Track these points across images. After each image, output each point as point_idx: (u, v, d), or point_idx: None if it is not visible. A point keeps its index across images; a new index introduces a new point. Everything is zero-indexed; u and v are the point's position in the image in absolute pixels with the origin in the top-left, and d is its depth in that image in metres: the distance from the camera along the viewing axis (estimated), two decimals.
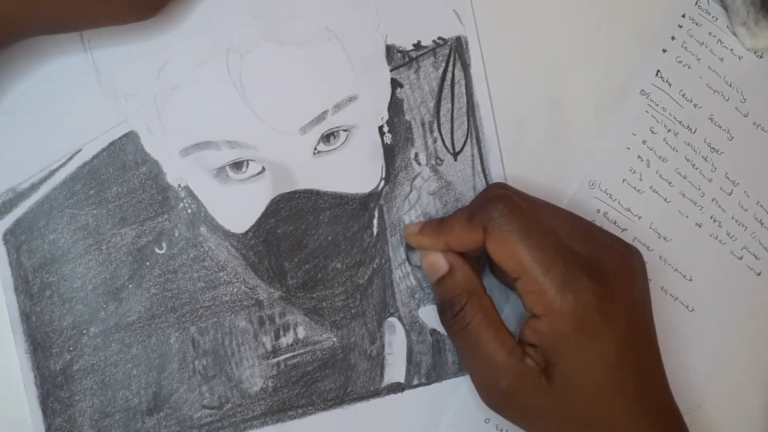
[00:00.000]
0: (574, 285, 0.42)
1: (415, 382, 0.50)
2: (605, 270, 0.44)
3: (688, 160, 0.54)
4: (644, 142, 0.53)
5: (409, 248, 0.49)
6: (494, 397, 0.45)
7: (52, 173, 0.46)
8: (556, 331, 0.43)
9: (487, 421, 0.50)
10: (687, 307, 0.53)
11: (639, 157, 0.53)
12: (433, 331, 0.50)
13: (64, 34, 0.45)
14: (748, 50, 0.54)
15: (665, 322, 0.52)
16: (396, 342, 0.50)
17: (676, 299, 0.53)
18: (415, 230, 0.48)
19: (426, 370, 0.50)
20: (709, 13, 0.54)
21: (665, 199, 0.53)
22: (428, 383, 0.50)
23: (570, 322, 0.42)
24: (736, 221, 0.54)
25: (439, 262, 0.46)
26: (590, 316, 0.42)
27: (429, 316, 0.50)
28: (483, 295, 0.45)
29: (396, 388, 0.49)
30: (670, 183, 0.53)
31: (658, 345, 0.46)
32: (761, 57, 0.55)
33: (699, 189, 0.54)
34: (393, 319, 0.50)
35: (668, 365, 0.46)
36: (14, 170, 0.46)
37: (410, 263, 0.50)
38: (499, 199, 0.44)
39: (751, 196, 0.54)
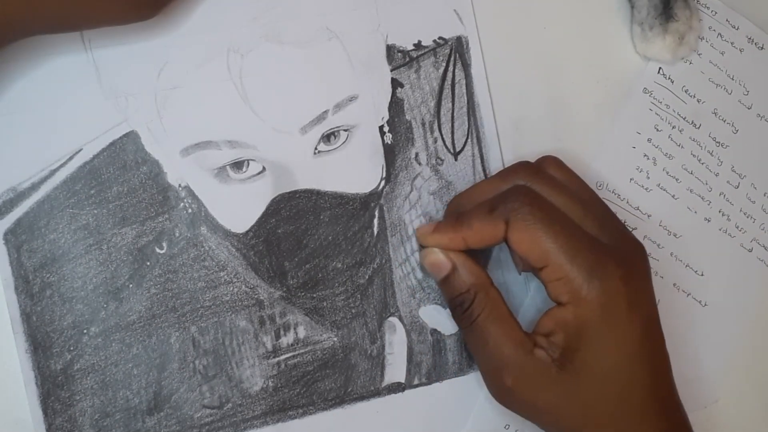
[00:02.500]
0: (602, 272, 0.42)
1: (416, 381, 0.50)
2: (629, 260, 0.44)
3: (693, 156, 0.54)
4: (649, 140, 0.53)
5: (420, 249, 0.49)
6: (501, 391, 0.45)
7: (52, 173, 0.46)
8: (582, 318, 0.43)
9: (507, 427, 0.50)
10: (700, 302, 0.53)
11: (645, 155, 0.53)
12: (434, 331, 0.50)
13: (64, 33, 0.45)
14: (638, 54, 0.53)
15: (679, 318, 0.53)
16: (396, 342, 0.50)
17: (688, 295, 0.53)
18: (430, 229, 0.47)
19: (426, 370, 0.50)
20: (708, 8, 0.54)
21: (673, 196, 0.53)
22: (429, 383, 0.50)
23: (596, 309, 0.42)
24: (745, 214, 0.54)
25: (442, 261, 0.46)
26: (616, 303, 0.43)
27: (429, 315, 0.50)
28: (490, 288, 0.46)
29: (396, 387, 0.49)
30: (677, 179, 0.53)
31: (665, 340, 0.46)
32: (761, 48, 0.54)
33: (706, 184, 0.54)
34: (393, 319, 0.50)
35: (684, 361, 0.46)
36: (15, 170, 0.46)
37: (421, 270, 0.50)
38: (520, 192, 0.44)
39: (759, 188, 0.54)
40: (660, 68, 0.54)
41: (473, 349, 0.47)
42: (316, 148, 0.49)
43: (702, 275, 0.53)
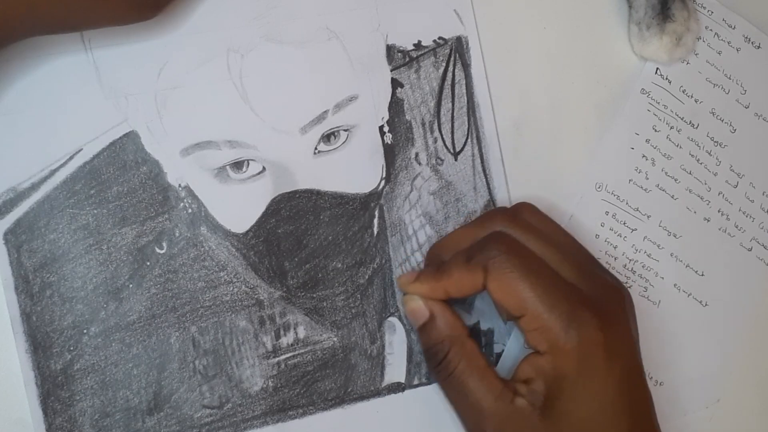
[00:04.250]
0: (579, 322, 0.42)
1: (416, 381, 0.50)
2: (607, 308, 0.44)
3: (692, 156, 0.54)
4: (648, 141, 0.53)
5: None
6: None
7: (52, 173, 0.46)
8: (560, 369, 0.43)
9: None
10: (700, 302, 0.53)
11: (644, 156, 0.53)
12: None
13: (65, 34, 0.45)
14: (635, 54, 0.53)
15: (680, 318, 0.53)
16: (396, 342, 0.50)
17: (689, 295, 0.53)
18: (411, 278, 0.47)
19: (426, 370, 0.50)
20: (705, 7, 0.54)
21: (672, 197, 0.53)
22: (429, 383, 0.50)
23: (574, 359, 0.42)
24: (744, 213, 0.54)
25: (420, 309, 0.46)
26: (594, 353, 0.43)
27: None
28: (466, 340, 0.46)
29: (396, 387, 0.49)
30: (676, 180, 0.53)
31: (647, 384, 0.46)
32: (758, 48, 0.54)
33: (705, 184, 0.54)
34: (393, 319, 0.50)
35: (685, 361, 0.46)
36: (15, 170, 0.46)
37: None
38: (497, 239, 0.45)
39: (757, 187, 0.54)
40: (657, 69, 0.54)
41: (452, 401, 0.46)
42: (316, 148, 0.49)
43: (702, 275, 0.53)
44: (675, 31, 0.52)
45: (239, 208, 0.48)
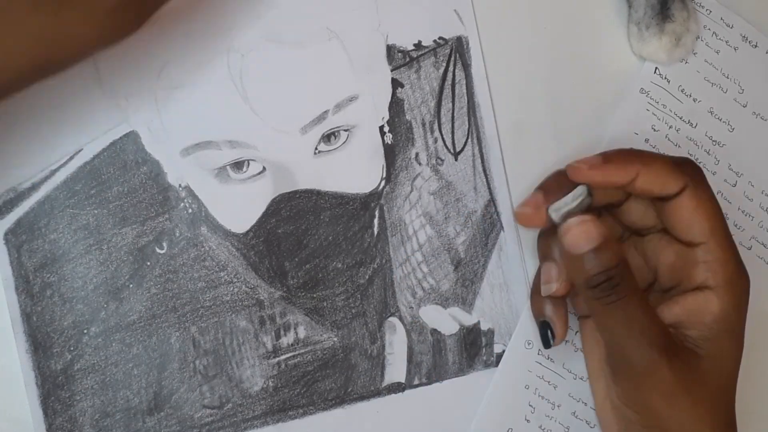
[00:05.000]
0: (744, 271, 0.43)
1: (416, 381, 0.50)
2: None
3: (691, 155, 0.53)
4: (647, 140, 0.53)
5: (567, 215, 0.45)
6: (648, 361, 0.42)
7: (52, 173, 0.46)
8: (727, 306, 0.42)
9: (510, 431, 0.50)
10: None
11: None
12: (434, 331, 0.50)
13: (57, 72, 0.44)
14: (635, 54, 0.53)
15: None
16: (396, 342, 0.50)
17: None
18: (597, 162, 0.44)
19: (426, 370, 0.50)
20: (703, 6, 0.54)
21: None
22: (429, 383, 0.50)
23: (737, 304, 0.42)
24: (743, 212, 0.54)
25: (597, 229, 0.43)
26: (744, 306, 0.43)
27: (430, 315, 0.50)
28: (630, 269, 0.43)
29: (396, 387, 0.49)
30: None
31: None
32: (755, 47, 0.54)
33: None
34: (393, 319, 0.50)
35: None
36: (15, 170, 0.46)
37: (555, 219, 0.45)
38: (697, 167, 0.45)
39: (756, 186, 0.54)
40: (656, 68, 0.54)
41: (616, 328, 0.43)
42: (316, 148, 0.49)
43: None
44: (674, 31, 0.52)
45: (239, 208, 0.48)
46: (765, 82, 0.55)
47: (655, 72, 0.54)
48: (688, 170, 0.44)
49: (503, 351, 0.50)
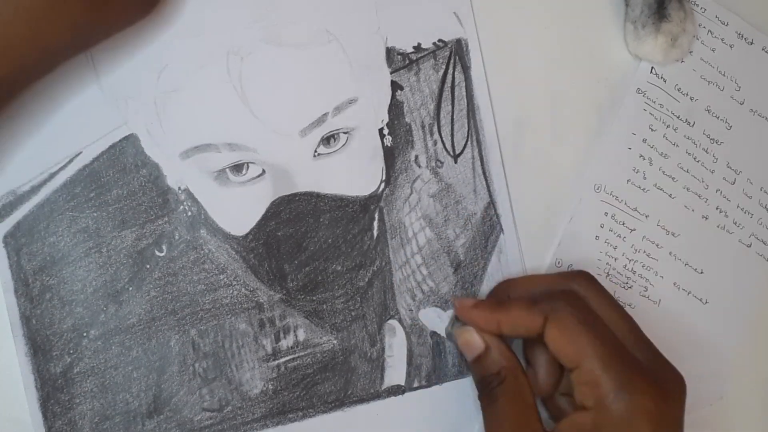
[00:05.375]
0: (633, 388, 0.42)
1: (416, 384, 0.50)
2: (665, 385, 0.43)
3: (689, 154, 0.54)
4: (644, 140, 0.53)
5: (455, 325, 0.48)
6: None
7: (52, 176, 0.46)
8: (600, 428, 0.42)
9: None
10: (701, 300, 0.54)
11: (641, 156, 0.53)
12: (433, 334, 0.50)
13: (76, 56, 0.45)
14: (630, 53, 0.53)
15: (680, 317, 0.53)
16: (396, 344, 0.50)
17: (689, 293, 0.54)
18: (469, 304, 0.47)
19: (426, 373, 0.50)
20: (698, 5, 0.54)
21: (670, 195, 0.53)
22: (428, 386, 0.50)
23: (618, 422, 0.42)
24: (742, 209, 0.54)
25: (476, 341, 0.46)
26: (640, 421, 0.42)
27: (429, 318, 0.50)
28: (520, 375, 0.45)
29: (396, 390, 0.49)
30: (673, 178, 0.54)
31: None
32: (751, 44, 0.54)
33: (702, 181, 0.54)
34: (393, 322, 0.50)
35: (687, 360, 0.46)
36: (14, 173, 0.46)
37: (448, 337, 0.49)
38: (568, 295, 0.45)
39: (755, 183, 0.55)
40: (652, 68, 0.54)
41: (488, 422, 0.46)
42: (315, 151, 0.49)
43: (702, 273, 0.54)
44: (670, 31, 0.52)
45: (239, 210, 0.48)
46: (761, 79, 0.55)
47: (651, 72, 0.54)
48: (545, 306, 0.44)
49: None
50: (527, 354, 0.48)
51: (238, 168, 0.48)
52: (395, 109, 0.50)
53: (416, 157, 0.50)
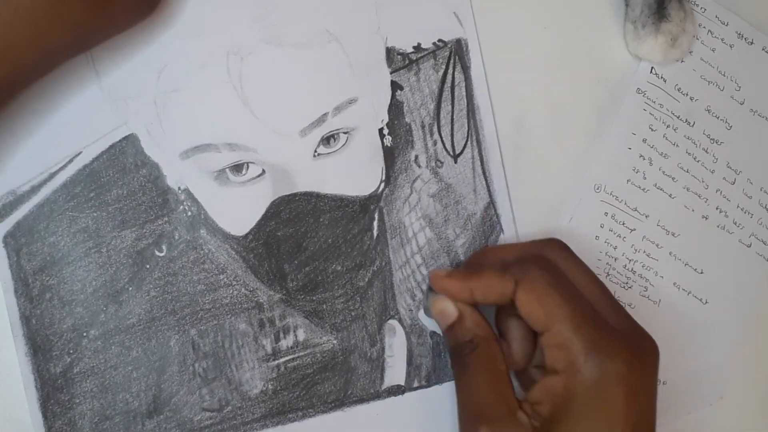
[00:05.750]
0: (606, 350, 0.41)
1: (416, 384, 0.50)
2: (638, 350, 0.43)
3: (689, 154, 0.54)
4: (644, 140, 0.53)
5: (429, 295, 0.48)
6: None
7: (52, 176, 0.46)
8: (571, 390, 0.42)
9: None
10: (701, 300, 0.53)
11: (641, 156, 0.53)
12: (433, 334, 0.50)
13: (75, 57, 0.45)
14: (630, 53, 0.53)
15: (680, 317, 0.53)
16: (396, 344, 0.50)
17: (689, 293, 0.53)
18: (443, 274, 0.47)
19: (426, 373, 0.50)
20: (698, 5, 0.54)
21: (670, 195, 0.53)
22: (428, 386, 0.50)
23: (589, 385, 0.41)
24: (742, 209, 0.54)
25: (449, 309, 0.46)
26: (614, 386, 0.41)
27: (429, 318, 0.50)
28: (493, 343, 0.45)
29: (396, 390, 0.49)
30: (673, 178, 0.53)
31: None
32: (751, 44, 0.54)
33: (702, 181, 0.54)
34: (393, 322, 0.50)
35: (687, 359, 0.46)
36: (14, 173, 0.46)
37: (426, 312, 0.49)
38: (539, 259, 0.45)
39: (755, 183, 0.55)
40: (652, 68, 0.54)
41: (459, 396, 0.45)
42: (315, 151, 0.49)
43: (702, 273, 0.54)
44: (670, 31, 0.52)
45: (239, 210, 0.48)
46: (761, 79, 0.55)
47: (651, 72, 0.54)
48: (515, 270, 0.44)
49: None
50: (501, 327, 0.47)
51: (238, 168, 0.48)
52: (395, 109, 0.50)
53: (416, 157, 0.50)
